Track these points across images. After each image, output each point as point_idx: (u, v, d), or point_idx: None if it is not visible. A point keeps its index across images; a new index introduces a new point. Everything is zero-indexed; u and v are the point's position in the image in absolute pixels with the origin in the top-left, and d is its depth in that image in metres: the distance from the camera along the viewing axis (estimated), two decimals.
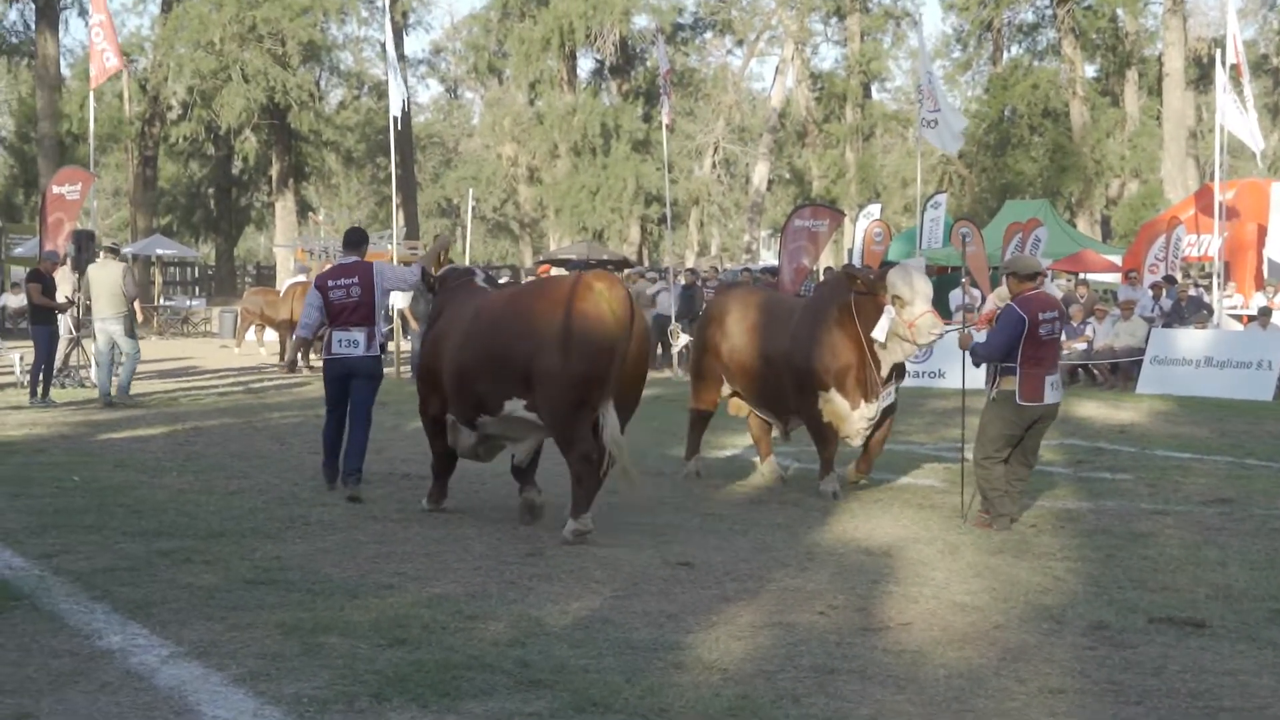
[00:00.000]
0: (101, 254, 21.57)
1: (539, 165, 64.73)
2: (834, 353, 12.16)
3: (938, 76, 28.24)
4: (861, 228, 38.70)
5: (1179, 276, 29.50)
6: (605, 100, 64.93)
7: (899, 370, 12.30)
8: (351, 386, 12.78)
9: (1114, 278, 33.63)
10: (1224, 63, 28.84)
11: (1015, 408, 10.68)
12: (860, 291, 12.00)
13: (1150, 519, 11.56)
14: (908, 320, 11.68)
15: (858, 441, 12.48)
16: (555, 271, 29.96)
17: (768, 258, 67.54)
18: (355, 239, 13.18)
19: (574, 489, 10.21)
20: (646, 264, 57.78)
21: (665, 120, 32.30)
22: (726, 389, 13.64)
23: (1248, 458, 15.48)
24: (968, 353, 11.13)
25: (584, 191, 61.14)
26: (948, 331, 12.48)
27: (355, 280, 12.69)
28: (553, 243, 64.69)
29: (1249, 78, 30.59)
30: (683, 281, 30.29)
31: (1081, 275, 33.26)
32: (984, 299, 27.74)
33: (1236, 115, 28.94)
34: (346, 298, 12.64)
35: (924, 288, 11.67)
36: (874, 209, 41.99)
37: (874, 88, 68.65)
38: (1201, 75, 59.08)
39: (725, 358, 13.39)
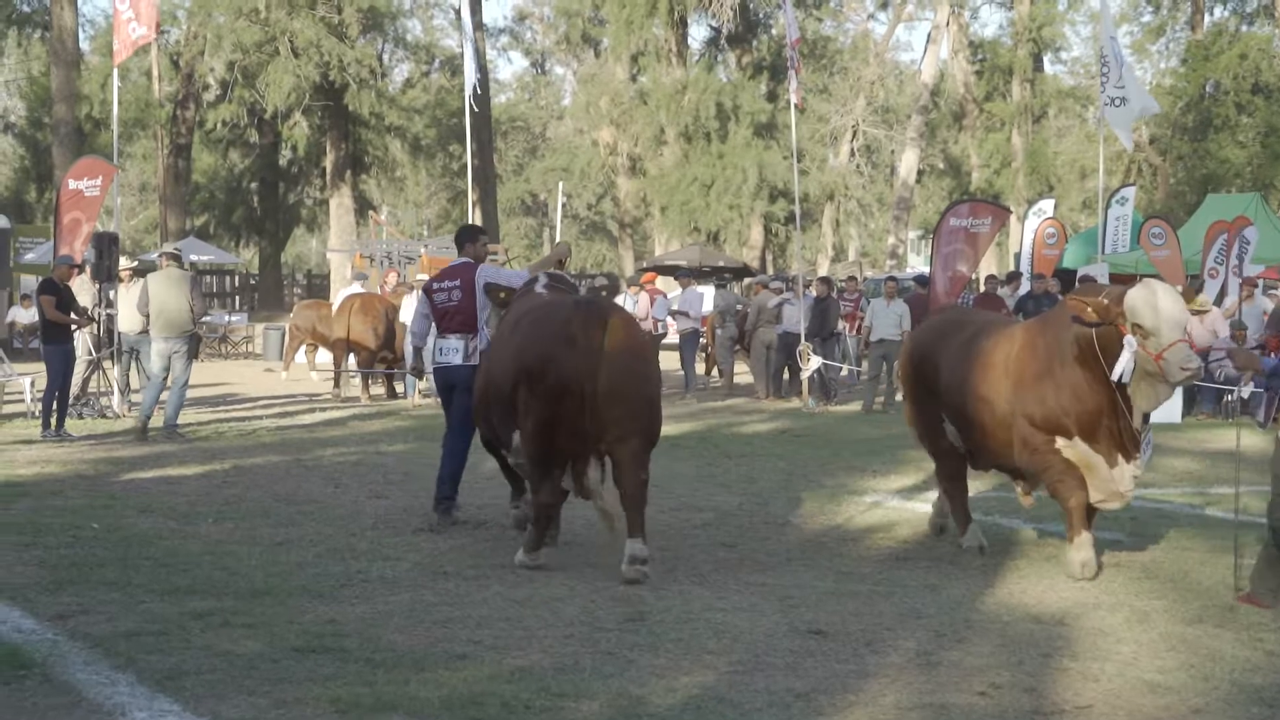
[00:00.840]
0: (163, 260, 21.83)
1: (642, 154, 65.00)
2: (1077, 396, 11.45)
3: (1122, 45, 27.96)
4: (1031, 228, 38.42)
5: None
6: (722, 76, 65.10)
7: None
8: (453, 399, 13.63)
9: None
10: None
11: None
12: (1091, 323, 11.22)
13: None
14: (1154, 353, 10.90)
15: (1118, 505, 11.84)
16: (661, 281, 30.02)
17: (917, 263, 67.30)
18: (461, 236, 14.01)
19: (531, 525, 11.62)
20: (771, 271, 57.77)
21: (794, 99, 32.30)
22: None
23: None
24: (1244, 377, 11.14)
25: (696, 185, 61.21)
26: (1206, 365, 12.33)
27: (457, 283, 13.50)
28: (659, 246, 64.92)
29: None
30: (814, 293, 30.22)
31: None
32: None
33: None
34: (448, 301, 13.51)
35: (1173, 311, 10.96)
36: (1046, 205, 41.61)
37: (1046, 59, 68.25)
38: None
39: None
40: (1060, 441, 11.48)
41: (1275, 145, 56.58)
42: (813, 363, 27.92)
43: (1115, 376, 11.07)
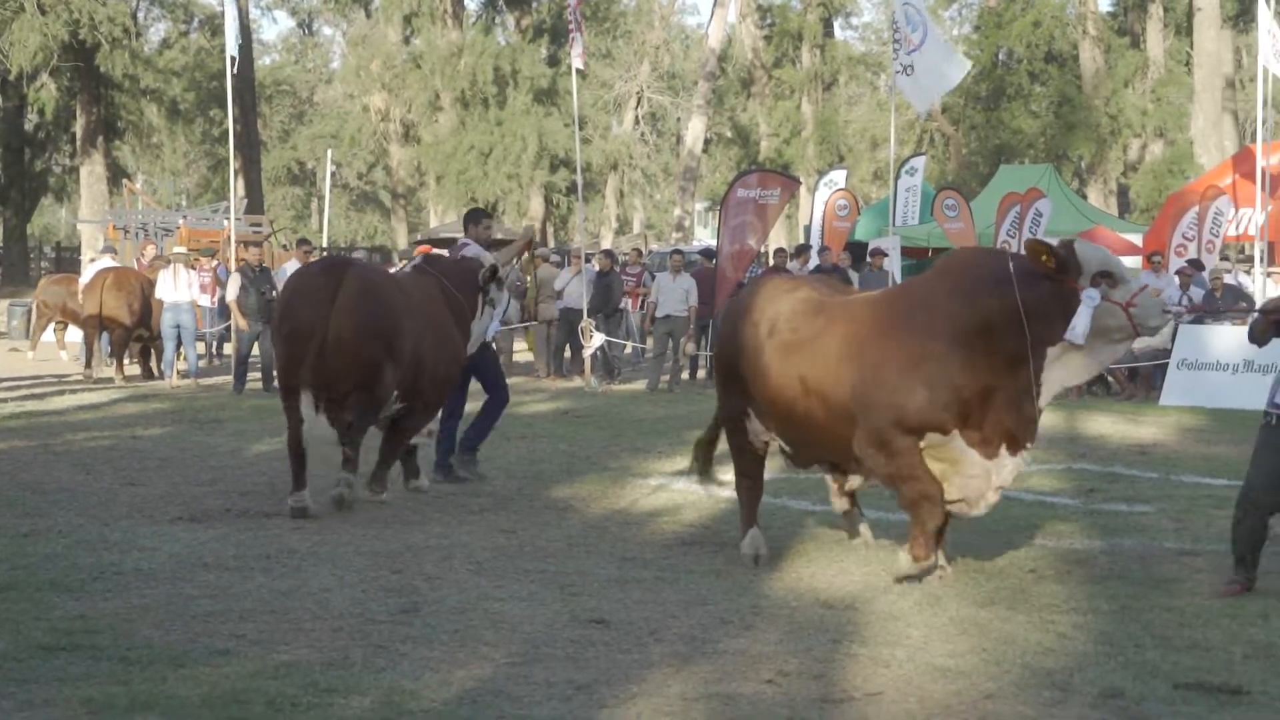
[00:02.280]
0: None
1: (416, 120, 64.67)
2: (966, 379, 10.37)
3: (918, 7, 28.30)
4: (822, 199, 38.89)
5: (1215, 260, 29.84)
6: (500, 39, 64.97)
7: None
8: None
9: (1133, 261, 33.99)
10: None
11: None
12: (1049, 275, 10.32)
13: (1176, 561, 11.69)
14: (1122, 301, 10.29)
15: (980, 510, 10.92)
16: (437, 253, 29.87)
17: (704, 236, 67.74)
18: (465, 219, 16.31)
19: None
20: (552, 244, 57.82)
21: (576, 64, 32.29)
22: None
23: None
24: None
25: (473, 153, 61.06)
26: (1181, 313, 12.08)
27: None
28: (434, 217, 64.67)
29: None
30: (597, 267, 30.28)
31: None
32: None
33: None
34: None
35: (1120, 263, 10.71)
36: (837, 176, 42.12)
37: (837, 24, 69.13)
38: (1242, 10, 59.81)
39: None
40: (931, 439, 10.40)
41: (1068, 115, 57.80)
42: (595, 340, 27.99)
43: (1071, 337, 10.19)
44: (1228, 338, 24.67)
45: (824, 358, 10.76)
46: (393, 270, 22.12)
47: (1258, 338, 10.91)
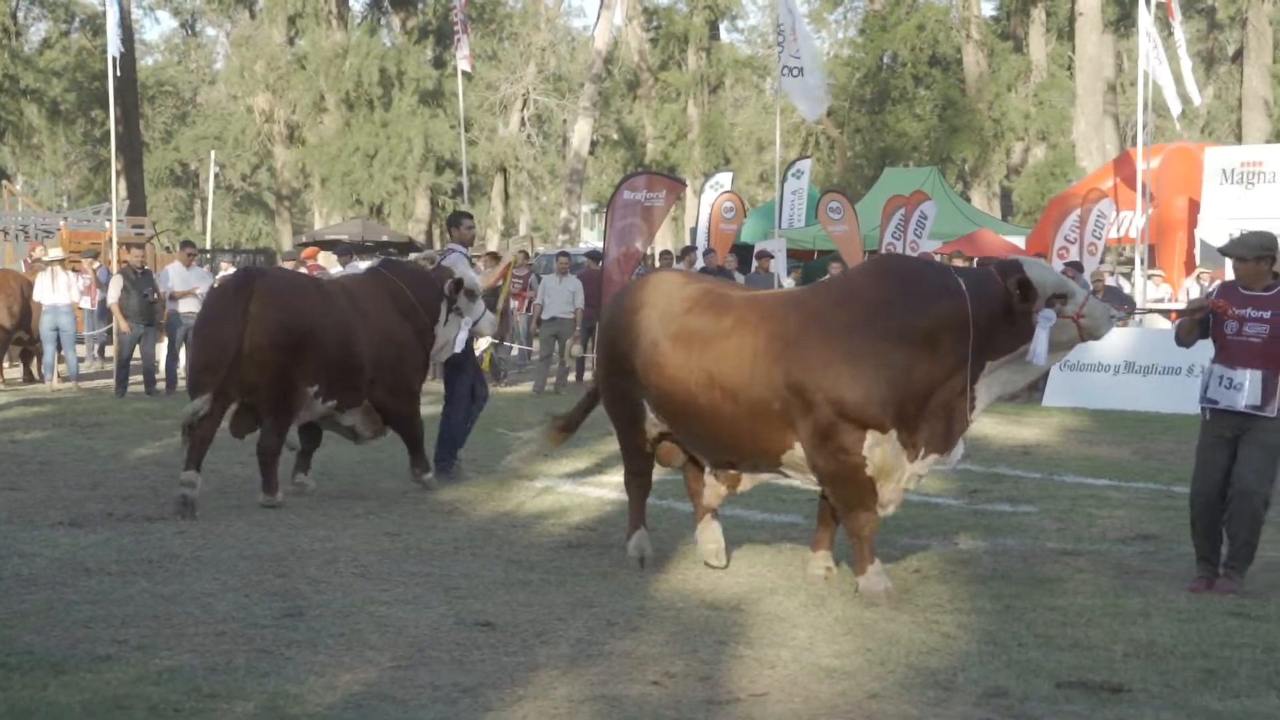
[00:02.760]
0: None
1: (301, 122, 64.27)
2: (908, 379, 10.43)
3: (801, 14, 28.53)
4: (708, 201, 38.98)
5: (1096, 262, 30.16)
6: (385, 40, 64.67)
7: None
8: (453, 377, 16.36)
9: None
10: (1149, 1, 29.59)
11: None
12: (1018, 303, 10.44)
13: (1058, 561, 11.81)
14: (1073, 314, 10.55)
15: (890, 511, 10.98)
16: (324, 257, 29.69)
17: (591, 238, 67.76)
18: (448, 222, 16.94)
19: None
20: (437, 246, 57.58)
21: (462, 65, 32.27)
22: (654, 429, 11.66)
23: (1175, 484, 15.80)
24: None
25: (358, 155, 60.79)
26: (1120, 317, 12.35)
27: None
28: (319, 219, 64.28)
29: (1179, 19, 31.46)
30: (483, 268, 30.20)
31: (976, 260, 33.87)
32: None
33: (1164, 64, 29.76)
34: None
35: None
36: (723, 178, 42.28)
37: (723, 27, 69.28)
38: (1123, 15, 60.46)
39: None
40: (871, 437, 10.38)
41: (952, 119, 58.19)
42: (481, 343, 27.88)
43: (1033, 359, 10.49)
44: (1109, 339, 24.85)
45: (739, 353, 10.69)
46: (337, 273, 22.32)
47: (1184, 339, 11.25)
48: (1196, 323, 11.07)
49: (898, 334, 10.32)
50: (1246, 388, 10.68)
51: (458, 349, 15.94)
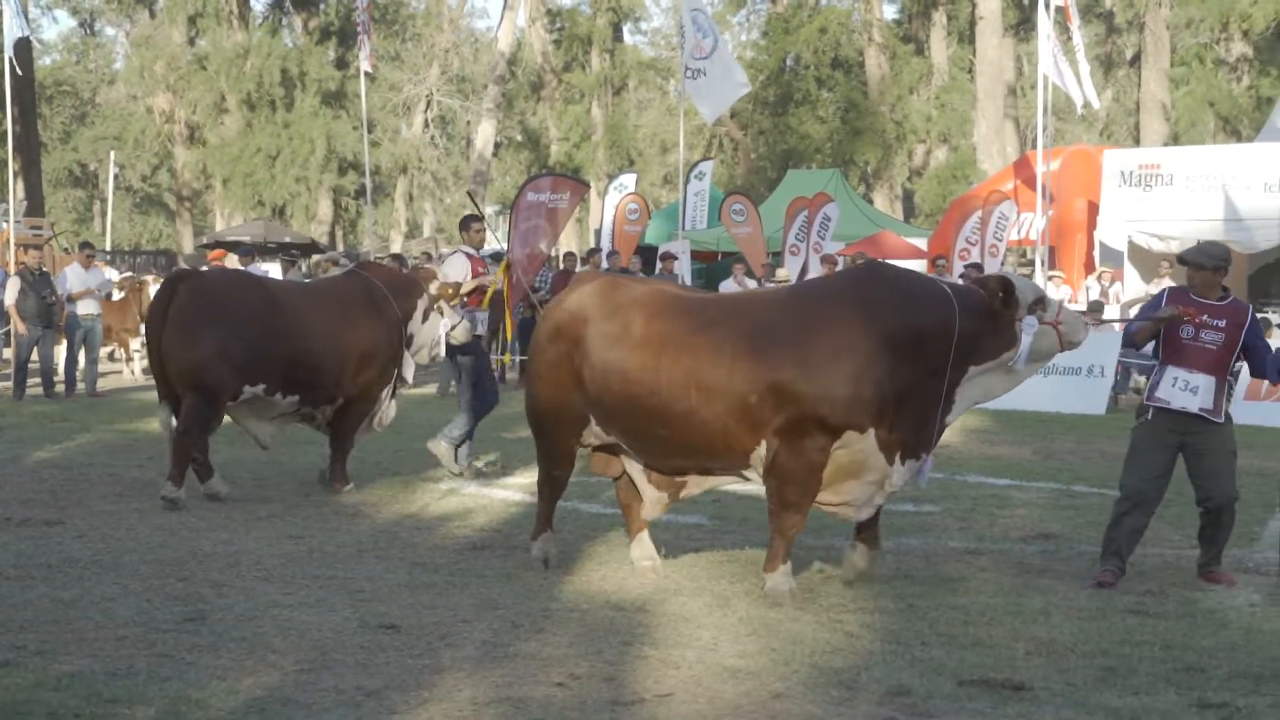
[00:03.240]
0: None
1: (202, 122, 63.81)
2: (892, 380, 10.54)
3: (708, 15, 28.56)
4: (612, 203, 38.95)
5: (998, 264, 30.37)
6: (287, 40, 64.32)
7: None
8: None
9: (919, 265, 34.50)
10: (1048, 4, 29.84)
11: None
12: (1001, 308, 10.66)
13: (961, 560, 11.90)
14: (1052, 320, 10.82)
15: (865, 514, 11.04)
16: (231, 259, 29.44)
17: (494, 240, 67.62)
18: (461, 225, 17.33)
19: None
20: (341, 248, 57.35)
21: (365, 66, 32.14)
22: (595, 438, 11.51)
23: (1076, 483, 16.03)
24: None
25: (260, 156, 60.47)
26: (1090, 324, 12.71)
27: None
28: (220, 220, 63.79)
29: (1078, 23, 31.74)
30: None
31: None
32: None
33: (1063, 68, 30.05)
34: None
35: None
36: (627, 180, 42.26)
37: (626, 29, 69.31)
38: (1023, 19, 60.90)
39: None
40: (847, 437, 10.45)
41: (855, 121, 58.46)
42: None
43: (1016, 365, 10.75)
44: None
45: (718, 352, 10.62)
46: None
47: (1140, 342, 11.59)
48: (1154, 330, 11.34)
49: (884, 335, 10.44)
50: (1201, 391, 10.98)
51: (440, 350, 16.24)
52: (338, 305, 15.08)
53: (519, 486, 15.28)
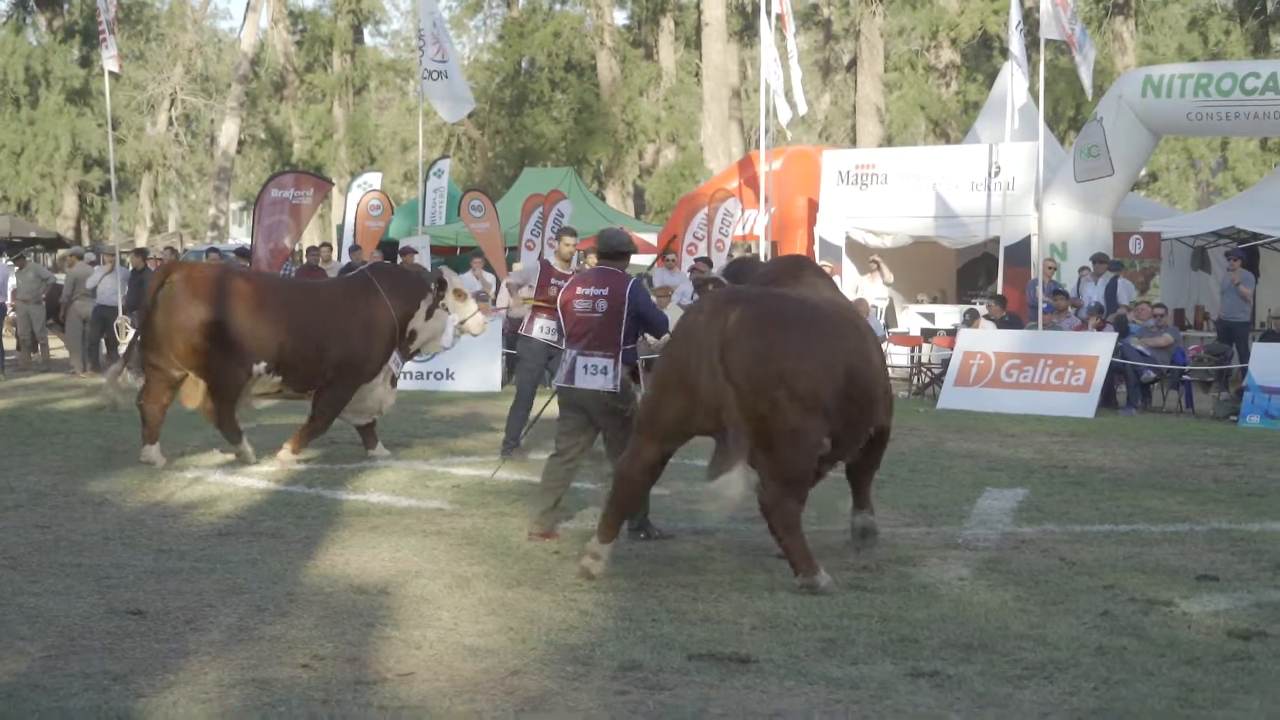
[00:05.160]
0: None
1: None
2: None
3: (444, 19, 28.45)
4: (355, 199, 38.58)
5: (724, 257, 30.69)
6: (31, 39, 62.78)
7: None
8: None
9: (648, 259, 34.73)
10: (769, 12, 30.26)
11: None
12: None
13: (690, 540, 12.03)
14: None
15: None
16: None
17: (239, 235, 66.76)
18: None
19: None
20: (86, 243, 56.14)
21: (109, 66, 31.44)
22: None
23: None
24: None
25: (4, 152, 59.11)
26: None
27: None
28: None
29: (793, 30, 32.18)
30: (131, 266, 29.53)
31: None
32: (499, 283, 28.26)
33: (782, 72, 30.53)
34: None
35: None
36: (372, 178, 41.88)
37: (367, 31, 68.79)
38: (746, 26, 61.69)
39: None
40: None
41: (587, 121, 58.73)
42: (129, 335, 27.31)
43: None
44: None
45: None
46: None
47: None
48: None
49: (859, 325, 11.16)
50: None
51: (445, 345, 17.18)
52: (335, 300, 16.32)
53: (263, 474, 15.12)
